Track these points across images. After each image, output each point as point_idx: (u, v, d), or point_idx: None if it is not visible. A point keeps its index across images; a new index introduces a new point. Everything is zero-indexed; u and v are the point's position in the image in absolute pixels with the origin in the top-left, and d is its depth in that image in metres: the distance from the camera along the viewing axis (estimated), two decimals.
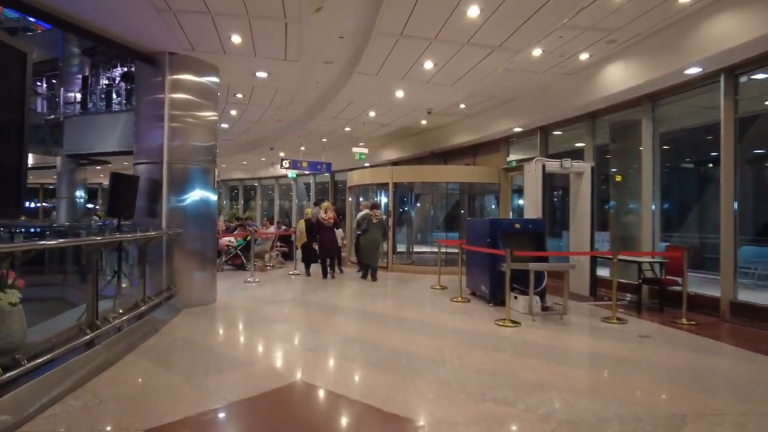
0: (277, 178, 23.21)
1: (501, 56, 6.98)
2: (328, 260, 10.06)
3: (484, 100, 10.03)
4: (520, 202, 10.94)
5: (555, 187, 11.80)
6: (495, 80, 8.31)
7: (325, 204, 10.25)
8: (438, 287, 8.69)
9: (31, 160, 21.73)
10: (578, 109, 8.83)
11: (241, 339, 5.46)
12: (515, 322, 5.82)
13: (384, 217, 10.19)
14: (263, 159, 17.64)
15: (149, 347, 4.66)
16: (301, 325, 5.92)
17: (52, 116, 17.37)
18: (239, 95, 9.06)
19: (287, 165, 13.37)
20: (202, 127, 6.92)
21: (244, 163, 20.18)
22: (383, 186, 12.55)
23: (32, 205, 27.61)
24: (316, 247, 10.19)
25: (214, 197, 7.13)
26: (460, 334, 5.48)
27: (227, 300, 7.30)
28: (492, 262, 7.02)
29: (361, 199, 13.75)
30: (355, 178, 13.22)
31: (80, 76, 17.99)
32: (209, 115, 7.05)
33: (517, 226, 7.28)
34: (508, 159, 11.43)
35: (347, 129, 12.07)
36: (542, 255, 6.89)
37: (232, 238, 11.39)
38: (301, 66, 7.32)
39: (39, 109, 18.63)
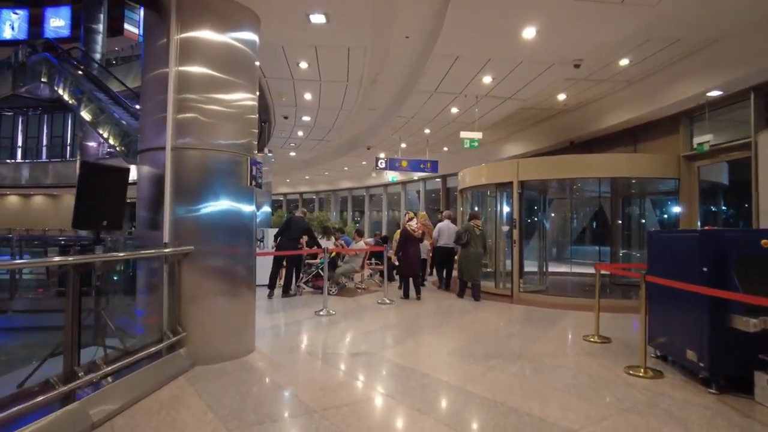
0: (386, 186, 21.19)
1: None
2: (411, 278, 8.42)
3: (663, 47, 6.55)
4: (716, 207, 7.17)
5: None
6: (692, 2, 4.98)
7: (421, 214, 8.10)
8: (595, 339, 5.46)
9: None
10: None
11: None
12: None
13: (480, 229, 8.62)
14: (364, 163, 15.62)
15: None
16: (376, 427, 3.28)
17: None
18: (303, 64, 6.87)
19: (383, 165, 11.01)
20: (231, 119, 4.69)
21: (346, 168, 18.44)
22: (504, 187, 9.50)
23: None
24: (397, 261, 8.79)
25: (248, 202, 4.87)
26: None
27: (270, 350, 4.98)
28: (713, 310, 3.76)
29: (476, 207, 10.83)
30: (467, 179, 10.36)
31: None
32: (242, 98, 4.75)
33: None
34: (698, 141, 7.63)
35: (454, 110, 9.24)
36: None
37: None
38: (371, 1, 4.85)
39: None
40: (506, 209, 9.61)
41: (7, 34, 27.24)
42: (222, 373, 4.17)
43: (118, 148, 19.32)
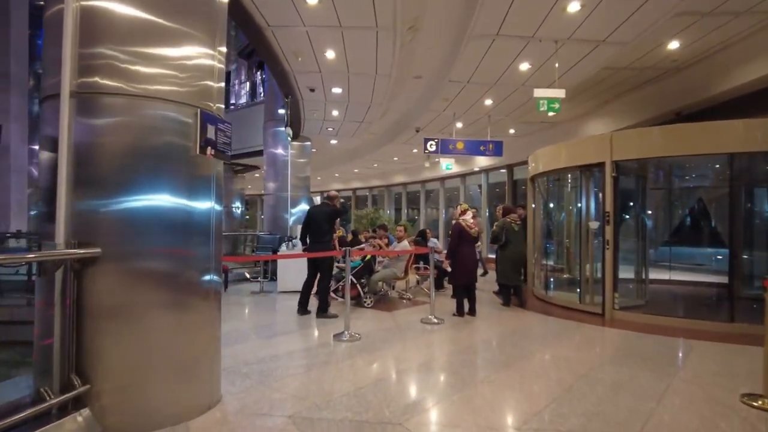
0: (443, 179, 19.12)
1: None
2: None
3: None
4: None
5: None
6: None
7: (464, 205, 6.57)
8: (760, 403, 3.26)
9: None
10: None
11: None
12: None
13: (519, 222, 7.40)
14: (414, 151, 13.69)
15: None
16: None
17: None
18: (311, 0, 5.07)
19: (433, 147, 9.03)
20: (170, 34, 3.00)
21: (396, 159, 16.58)
22: (592, 170, 7.28)
23: None
24: (447, 267, 7.04)
25: (202, 182, 3.14)
26: None
27: (242, 404, 3.24)
28: None
29: (552, 204, 8.62)
30: (541, 162, 8.18)
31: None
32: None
33: None
34: None
35: (524, 66, 6.96)
36: None
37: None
38: None
39: None
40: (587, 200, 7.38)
41: None
42: None
43: None
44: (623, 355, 4.70)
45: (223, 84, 3.36)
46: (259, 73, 14.32)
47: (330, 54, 6.24)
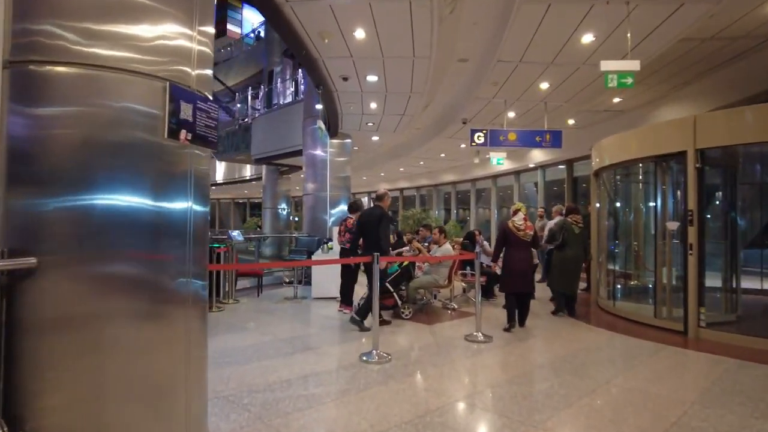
0: (495, 177, 17.99)
1: None
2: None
3: None
4: None
5: None
6: None
7: (517, 205, 5.88)
8: None
9: (248, 172, 22.21)
10: None
11: None
12: None
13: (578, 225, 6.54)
14: (462, 146, 12.75)
15: None
16: None
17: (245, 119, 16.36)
18: None
19: (481, 140, 8.11)
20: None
21: (443, 155, 15.65)
22: (669, 161, 6.17)
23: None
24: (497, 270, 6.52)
25: (173, 179, 2.51)
26: None
27: None
28: None
29: (620, 203, 7.53)
30: (607, 153, 7.11)
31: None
32: None
33: None
34: None
35: (586, 38, 5.70)
36: None
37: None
38: None
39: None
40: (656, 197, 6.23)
41: None
42: None
43: None
44: (723, 392, 3.66)
45: (208, 71, 2.72)
46: (300, 70, 13.97)
47: (359, 33, 5.52)
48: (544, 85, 7.39)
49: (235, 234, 7.99)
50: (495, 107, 8.65)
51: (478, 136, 8.10)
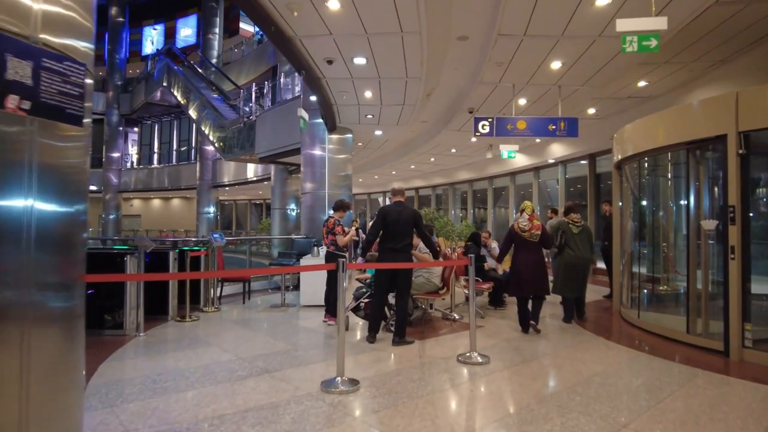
0: (513, 174, 17.01)
1: None
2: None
3: None
4: None
5: None
6: None
7: (525, 203, 5.39)
8: None
9: (259, 171, 21.68)
10: None
11: None
12: None
13: (582, 223, 6.15)
14: (473, 140, 11.85)
15: None
16: None
17: (250, 117, 15.81)
18: None
19: (486, 129, 7.24)
20: None
21: (453, 150, 14.75)
22: (705, 148, 5.22)
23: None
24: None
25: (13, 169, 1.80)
26: None
27: None
28: None
29: (645, 199, 6.60)
30: (630, 142, 6.18)
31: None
32: None
33: None
34: None
35: (601, 1, 4.95)
36: None
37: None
38: None
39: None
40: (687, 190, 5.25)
41: (148, 49, 29.56)
42: None
43: (216, 144, 18.48)
44: None
45: (72, 15, 1.99)
46: None
47: (333, 3, 4.75)
48: (556, 65, 6.46)
49: (217, 236, 7.39)
50: (503, 93, 7.75)
51: (483, 125, 7.23)
